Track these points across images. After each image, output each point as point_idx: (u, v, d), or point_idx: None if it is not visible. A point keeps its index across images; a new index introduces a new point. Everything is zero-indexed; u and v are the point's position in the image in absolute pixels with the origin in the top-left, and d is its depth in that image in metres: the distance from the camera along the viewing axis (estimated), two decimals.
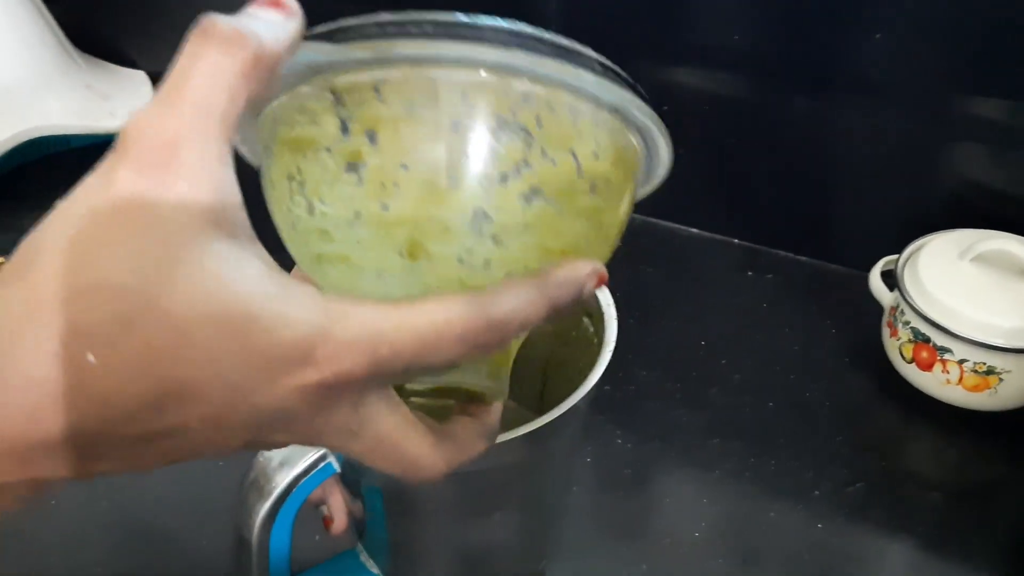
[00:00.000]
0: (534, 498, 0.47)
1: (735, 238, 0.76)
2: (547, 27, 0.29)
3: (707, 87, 0.71)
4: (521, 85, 0.29)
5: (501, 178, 0.28)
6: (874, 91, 0.67)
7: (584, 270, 0.30)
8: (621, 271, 0.47)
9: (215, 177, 0.25)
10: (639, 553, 0.54)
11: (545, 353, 0.51)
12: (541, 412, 0.53)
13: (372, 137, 0.29)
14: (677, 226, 0.77)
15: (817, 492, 0.58)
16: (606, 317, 0.44)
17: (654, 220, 0.77)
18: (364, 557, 0.49)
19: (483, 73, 0.29)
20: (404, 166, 0.28)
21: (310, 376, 0.25)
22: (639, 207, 0.82)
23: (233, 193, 0.26)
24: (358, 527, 0.49)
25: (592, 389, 0.41)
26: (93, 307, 0.23)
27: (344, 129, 0.29)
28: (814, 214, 0.73)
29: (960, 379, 0.61)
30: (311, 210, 0.29)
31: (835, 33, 0.65)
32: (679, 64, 0.71)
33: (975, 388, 0.60)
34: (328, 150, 0.29)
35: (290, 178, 0.30)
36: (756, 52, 0.68)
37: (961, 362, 0.60)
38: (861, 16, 0.64)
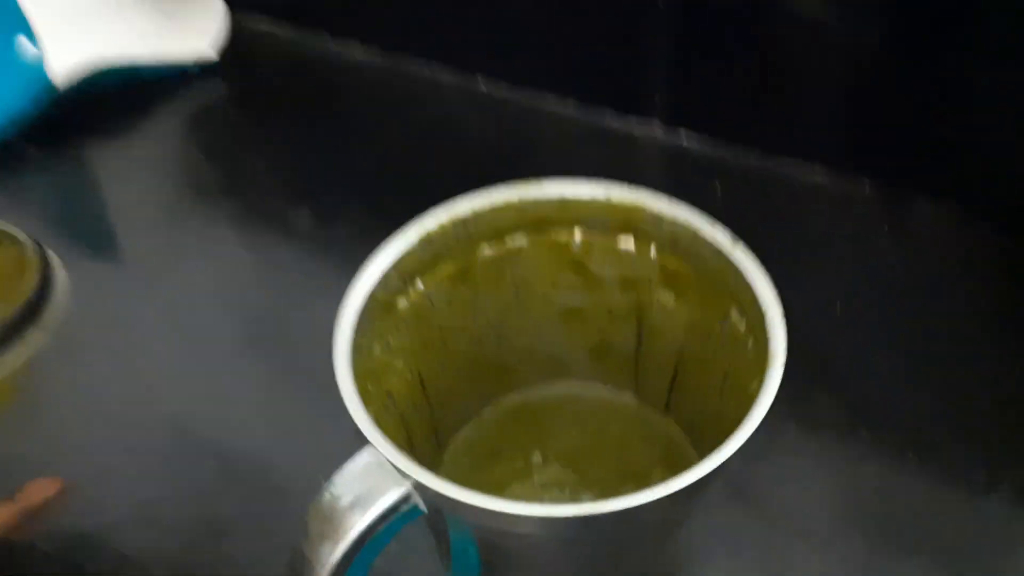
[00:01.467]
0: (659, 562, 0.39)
1: (867, 179, 0.64)
2: None
3: (836, 25, 0.60)
4: None
5: None
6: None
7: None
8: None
9: None
10: (783, 559, 0.47)
11: (678, 343, 0.42)
12: (668, 411, 0.45)
13: None
14: (799, 170, 0.65)
15: (994, 493, 0.49)
16: (768, 315, 0.35)
17: (771, 166, 0.65)
18: None
19: None
20: None
21: None
22: (757, 146, 0.69)
23: None
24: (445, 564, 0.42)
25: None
26: None
27: None
28: (963, 161, 0.62)
29: None
30: None
31: None
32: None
33: None
34: None
35: None
36: None
37: None
38: None
